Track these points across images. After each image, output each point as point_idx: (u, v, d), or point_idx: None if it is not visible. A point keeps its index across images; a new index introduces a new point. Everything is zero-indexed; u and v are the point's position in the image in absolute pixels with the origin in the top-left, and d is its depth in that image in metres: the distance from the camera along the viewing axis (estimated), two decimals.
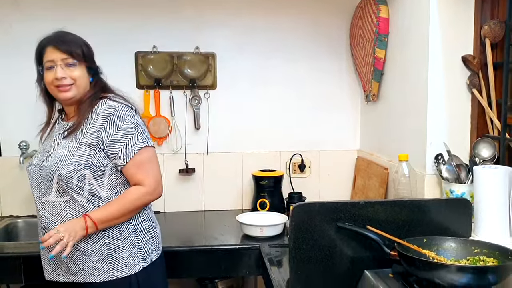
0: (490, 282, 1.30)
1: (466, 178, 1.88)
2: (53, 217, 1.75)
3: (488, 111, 1.92)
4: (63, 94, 1.75)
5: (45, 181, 1.75)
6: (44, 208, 1.77)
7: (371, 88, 2.58)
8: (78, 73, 1.76)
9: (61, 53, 1.74)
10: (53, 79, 1.73)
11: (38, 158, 1.81)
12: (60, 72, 1.73)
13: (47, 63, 1.75)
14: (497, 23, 1.87)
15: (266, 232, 2.26)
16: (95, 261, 1.74)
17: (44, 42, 1.78)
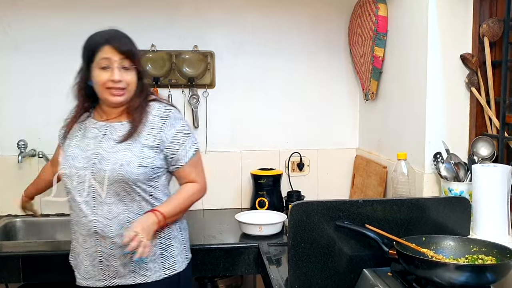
0: (489, 280, 1.30)
1: (464, 177, 1.89)
2: (110, 221, 1.69)
3: (486, 109, 1.92)
4: (115, 98, 1.70)
5: (99, 184, 1.68)
6: (96, 212, 1.69)
7: (369, 86, 2.58)
8: (131, 77, 1.71)
9: (119, 54, 1.68)
10: (107, 80, 1.67)
11: (82, 161, 1.71)
12: (118, 74, 1.67)
13: (102, 61, 1.67)
14: (495, 21, 1.87)
15: (265, 231, 2.26)
16: (147, 261, 1.73)
17: (101, 39, 1.69)
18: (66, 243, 2.26)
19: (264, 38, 2.79)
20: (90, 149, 1.72)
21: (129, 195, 1.70)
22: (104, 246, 1.70)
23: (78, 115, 1.82)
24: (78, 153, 1.73)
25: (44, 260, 2.12)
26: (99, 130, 1.76)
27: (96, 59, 1.68)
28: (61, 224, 2.66)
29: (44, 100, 2.67)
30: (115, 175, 1.66)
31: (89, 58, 1.70)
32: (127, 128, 1.73)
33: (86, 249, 1.73)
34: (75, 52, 2.62)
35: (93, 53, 1.68)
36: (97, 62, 1.68)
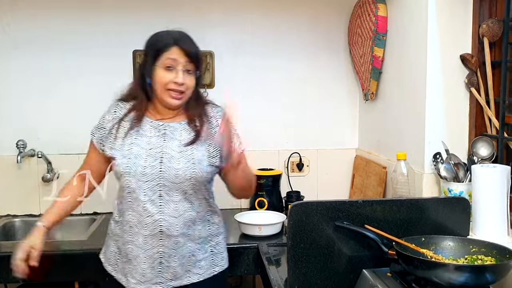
0: (488, 281, 1.30)
1: (464, 177, 1.88)
2: (176, 219, 1.69)
3: (486, 110, 1.92)
4: (174, 101, 1.69)
5: (167, 183, 1.67)
6: (163, 211, 1.68)
7: (369, 87, 2.58)
8: (192, 81, 1.71)
9: (186, 57, 1.66)
10: (170, 81, 1.65)
11: (148, 159, 1.68)
12: (181, 77, 1.66)
13: (167, 61, 1.65)
14: (495, 21, 1.87)
15: (264, 231, 2.25)
16: (201, 259, 1.77)
17: (170, 39, 1.67)
18: (65, 243, 2.27)
19: (264, 38, 2.79)
20: (154, 147, 1.70)
21: (195, 193, 1.72)
22: (167, 246, 1.69)
23: (129, 113, 1.75)
24: (140, 151, 1.69)
25: (43, 260, 2.11)
26: (158, 130, 1.73)
27: (161, 59, 1.66)
28: (60, 224, 2.65)
29: (43, 100, 2.67)
30: (187, 173, 1.67)
31: (154, 57, 1.67)
32: (186, 128, 1.74)
33: (146, 250, 1.69)
34: (75, 52, 2.67)
35: (160, 52, 1.66)
36: (162, 61, 1.66)
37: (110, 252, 1.80)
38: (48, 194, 2.70)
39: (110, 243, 1.81)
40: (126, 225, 1.72)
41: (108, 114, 1.78)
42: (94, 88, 2.68)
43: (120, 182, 1.74)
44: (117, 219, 1.78)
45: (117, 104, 1.79)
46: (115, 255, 1.78)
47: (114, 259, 1.78)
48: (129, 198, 1.70)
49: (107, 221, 2.53)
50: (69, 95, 2.68)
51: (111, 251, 1.79)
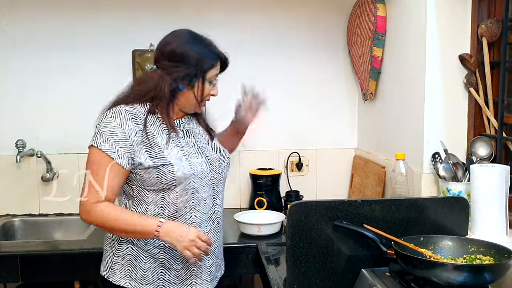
0: (487, 280, 1.31)
1: (463, 177, 1.89)
2: (223, 210, 1.82)
3: (485, 109, 1.92)
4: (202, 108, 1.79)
5: (215, 175, 1.75)
6: (217, 203, 1.77)
7: (368, 86, 2.58)
8: None
9: (219, 73, 1.77)
10: (209, 93, 1.73)
11: (198, 156, 1.70)
12: (217, 90, 1.77)
13: (212, 77, 1.72)
14: (494, 22, 1.87)
15: (263, 230, 2.26)
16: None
17: (217, 55, 1.73)
18: (64, 243, 2.27)
19: (263, 38, 2.79)
20: (192, 145, 1.73)
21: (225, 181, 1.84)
22: (220, 238, 1.80)
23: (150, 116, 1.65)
24: (189, 151, 1.69)
25: (43, 259, 2.11)
26: (182, 129, 1.74)
27: (209, 74, 1.70)
28: (60, 224, 2.66)
29: (42, 100, 2.67)
30: (226, 160, 1.81)
31: (203, 71, 1.67)
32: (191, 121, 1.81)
33: (210, 247, 1.67)
34: (74, 52, 2.67)
35: (209, 68, 1.69)
36: (210, 77, 1.70)
37: (145, 271, 1.66)
38: (47, 194, 2.70)
39: (138, 262, 1.66)
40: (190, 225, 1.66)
41: (120, 122, 1.58)
42: (93, 88, 2.68)
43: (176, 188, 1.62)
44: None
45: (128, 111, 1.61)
46: (155, 270, 1.66)
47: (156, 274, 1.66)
48: (193, 199, 1.66)
49: None
50: (68, 95, 2.68)
51: (146, 268, 1.66)
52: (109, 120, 1.59)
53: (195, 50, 1.66)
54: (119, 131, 1.57)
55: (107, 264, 1.71)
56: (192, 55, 1.65)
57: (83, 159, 2.65)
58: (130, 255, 1.66)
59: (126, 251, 1.67)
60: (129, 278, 1.66)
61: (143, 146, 1.59)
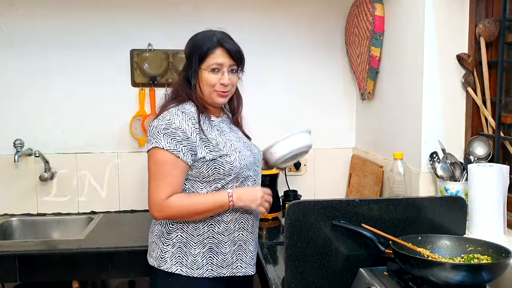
0: (484, 279, 1.31)
1: (460, 176, 1.89)
2: None
3: (482, 109, 1.93)
4: (221, 99, 1.77)
5: (257, 167, 1.86)
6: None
7: (366, 86, 2.58)
8: (236, 80, 1.79)
9: (231, 59, 1.73)
10: (217, 83, 1.72)
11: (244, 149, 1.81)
12: (227, 78, 1.72)
13: (214, 65, 1.71)
14: (491, 21, 1.87)
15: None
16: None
17: (213, 41, 1.72)
18: (62, 243, 2.27)
19: (262, 37, 2.79)
20: (237, 139, 1.84)
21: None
22: (257, 226, 1.89)
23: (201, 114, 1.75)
24: (237, 144, 1.80)
25: (41, 259, 2.11)
26: (225, 125, 1.85)
27: (207, 62, 1.71)
28: (58, 224, 2.66)
29: (40, 99, 2.67)
30: (261, 159, 1.92)
31: (199, 60, 1.71)
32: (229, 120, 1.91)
33: (254, 233, 1.85)
34: (72, 51, 2.67)
35: (205, 55, 1.71)
36: (207, 64, 1.71)
37: (195, 256, 1.74)
38: (45, 194, 2.70)
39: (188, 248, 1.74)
40: (235, 214, 1.78)
41: (180, 123, 1.68)
42: (91, 88, 2.68)
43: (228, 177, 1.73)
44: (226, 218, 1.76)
45: (183, 111, 1.71)
46: (204, 255, 1.75)
47: (205, 260, 1.75)
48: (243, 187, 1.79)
49: (105, 221, 2.57)
50: (66, 94, 2.68)
51: (196, 254, 1.74)
52: (169, 122, 1.68)
53: (192, 41, 1.76)
54: (180, 131, 1.67)
55: (156, 254, 1.78)
56: (189, 47, 1.76)
57: (81, 159, 2.71)
58: (180, 242, 1.75)
59: (176, 239, 1.75)
60: (180, 264, 1.74)
61: (202, 142, 1.71)
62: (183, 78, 1.77)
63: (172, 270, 1.74)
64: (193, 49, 1.74)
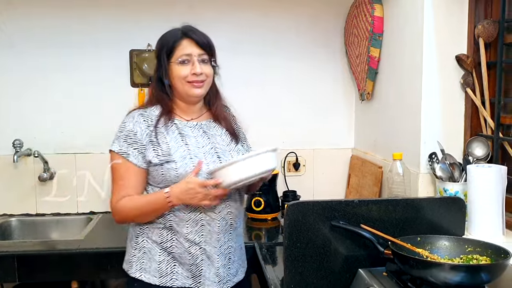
0: (483, 280, 1.31)
1: (459, 177, 1.89)
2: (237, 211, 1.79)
3: (481, 110, 1.93)
4: (197, 90, 1.70)
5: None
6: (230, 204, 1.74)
7: (365, 87, 2.59)
8: (210, 70, 1.73)
9: (199, 48, 1.69)
10: (188, 74, 1.68)
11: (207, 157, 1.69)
12: (199, 67, 1.68)
13: (182, 56, 1.68)
14: (490, 22, 1.88)
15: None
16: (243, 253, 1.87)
17: (178, 33, 1.70)
18: (61, 243, 2.27)
19: (261, 37, 2.79)
20: (205, 145, 1.73)
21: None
22: (233, 239, 1.76)
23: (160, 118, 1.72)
24: (196, 151, 1.70)
25: (40, 259, 2.11)
26: (197, 129, 1.76)
27: (175, 55, 1.68)
28: (57, 224, 2.66)
29: (39, 99, 2.66)
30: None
31: (167, 55, 1.69)
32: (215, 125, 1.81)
33: (220, 247, 1.72)
34: (71, 51, 2.67)
35: (172, 49, 1.68)
36: (176, 57, 1.68)
37: (159, 263, 1.69)
38: (44, 194, 2.70)
39: (153, 254, 1.70)
40: (196, 226, 1.68)
41: (134, 125, 1.69)
42: (90, 88, 2.68)
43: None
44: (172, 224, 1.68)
45: (141, 114, 1.72)
46: (169, 263, 1.69)
47: (170, 268, 1.69)
48: None
49: (104, 221, 2.56)
50: (65, 94, 2.68)
51: (160, 260, 1.69)
52: (124, 125, 1.71)
53: (159, 40, 1.75)
54: (132, 134, 1.68)
55: (126, 258, 1.77)
56: (157, 46, 1.75)
57: (81, 159, 2.70)
58: (145, 247, 1.71)
59: (142, 244, 1.72)
60: (144, 270, 1.70)
61: (152, 145, 1.67)
62: (156, 80, 1.75)
63: (137, 275, 1.71)
64: (160, 47, 1.73)
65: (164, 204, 1.62)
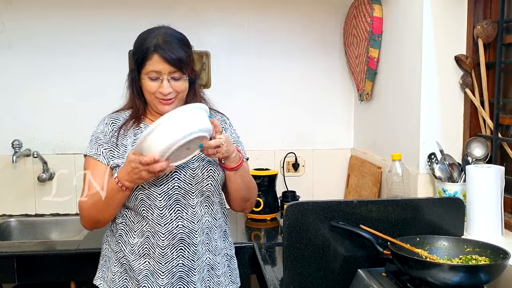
0: (482, 280, 1.31)
1: (458, 177, 1.89)
2: (195, 225, 1.61)
3: (480, 110, 1.93)
4: (165, 108, 1.59)
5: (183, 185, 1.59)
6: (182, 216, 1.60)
7: (364, 87, 2.59)
8: (182, 86, 1.60)
9: (170, 66, 1.56)
10: (156, 91, 1.58)
11: None
12: (167, 87, 1.57)
13: (151, 73, 1.57)
14: (489, 23, 1.88)
15: None
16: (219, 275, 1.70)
17: (150, 46, 1.56)
18: (60, 243, 2.27)
19: (260, 38, 2.79)
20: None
21: (212, 196, 1.65)
22: (186, 257, 1.59)
23: (129, 121, 1.67)
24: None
25: (39, 260, 2.11)
26: None
27: (145, 69, 1.58)
28: (56, 224, 2.66)
29: (39, 100, 2.66)
30: (204, 172, 1.61)
31: (138, 66, 1.60)
32: None
33: (165, 264, 1.58)
34: (70, 51, 2.66)
35: (142, 61, 1.58)
36: (146, 72, 1.58)
37: (114, 274, 1.64)
38: (43, 194, 2.69)
39: (110, 264, 1.66)
40: (141, 238, 1.60)
41: (104, 127, 1.67)
42: (89, 88, 2.68)
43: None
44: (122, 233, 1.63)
45: (111, 117, 1.70)
46: (121, 276, 1.63)
47: (121, 281, 1.63)
48: (142, 207, 1.58)
49: None
50: (64, 94, 2.68)
51: (115, 272, 1.64)
52: (95, 129, 1.70)
53: (136, 41, 1.66)
54: (102, 135, 1.66)
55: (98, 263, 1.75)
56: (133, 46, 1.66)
57: (80, 159, 2.67)
58: (106, 256, 1.70)
59: (104, 252, 1.71)
60: (103, 279, 1.69)
61: (111, 146, 1.64)
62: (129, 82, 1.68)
63: (97, 283, 1.69)
64: (134, 50, 1.64)
65: (117, 189, 1.51)
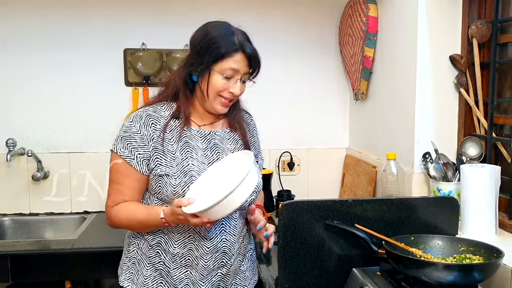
0: (476, 279, 1.32)
1: (453, 177, 1.90)
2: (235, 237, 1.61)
3: (475, 110, 1.94)
4: (223, 108, 1.55)
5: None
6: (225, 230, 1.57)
7: (360, 86, 2.59)
8: (244, 89, 1.58)
9: (248, 67, 1.52)
10: (225, 89, 1.51)
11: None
12: (239, 89, 1.53)
13: (228, 70, 1.49)
14: (484, 23, 1.88)
15: None
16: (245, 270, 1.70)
17: (235, 42, 1.49)
18: (55, 242, 2.27)
19: (255, 37, 2.75)
20: (211, 161, 1.56)
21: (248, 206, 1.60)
22: (225, 266, 1.59)
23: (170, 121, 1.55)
24: (200, 167, 1.53)
25: (33, 259, 2.10)
26: (207, 139, 1.59)
27: (221, 64, 1.49)
28: (50, 223, 2.65)
29: (33, 99, 2.65)
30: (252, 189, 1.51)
31: (213, 59, 1.48)
32: (231, 136, 1.65)
33: (207, 275, 1.57)
34: (65, 51, 2.66)
35: (221, 56, 1.48)
36: (221, 68, 1.49)
37: (146, 278, 1.59)
38: (38, 193, 2.68)
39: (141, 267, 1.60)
40: (184, 248, 1.56)
41: (140, 127, 1.52)
42: (84, 87, 2.67)
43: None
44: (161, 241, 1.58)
45: (148, 115, 1.54)
46: (155, 280, 1.59)
47: (156, 285, 1.59)
48: None
49: (98, 220, 2.55)
50: (59, 93, 2.67)
51: (147, 275, 1.59)
52: (129, 125, 1.53)
53: (207, 35, 1.51)
54: (138, 136, 1.51)
55: (120, 262, 1.68)
56: (203, 40, 1.50)
57: (74, 158, 2.70)
58: (135, 258, 1.62)
59: (133, 254, 1.63)
60: (132, 281, 1.61)
61: (155, 153, 1.51)
62: (185, 73, 1.54)
63: (124, 285, 1.62)
64: (208, 45, 1.49)
65: (160, 223, 1.48)
